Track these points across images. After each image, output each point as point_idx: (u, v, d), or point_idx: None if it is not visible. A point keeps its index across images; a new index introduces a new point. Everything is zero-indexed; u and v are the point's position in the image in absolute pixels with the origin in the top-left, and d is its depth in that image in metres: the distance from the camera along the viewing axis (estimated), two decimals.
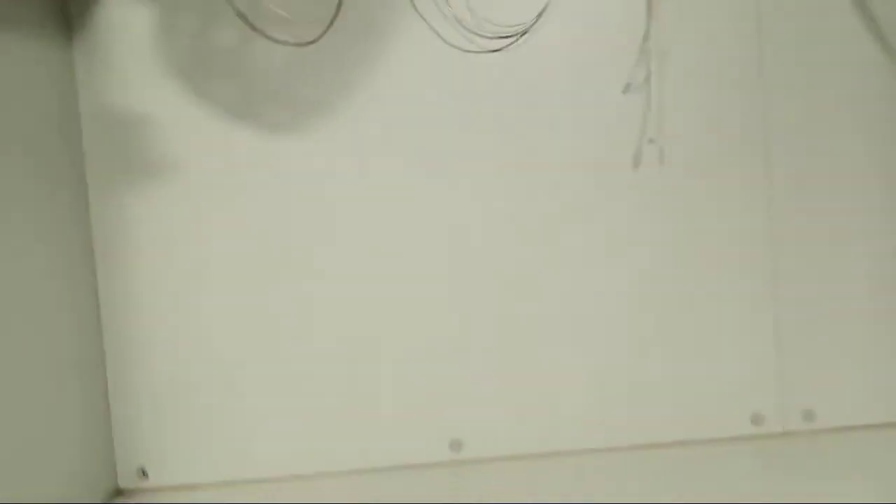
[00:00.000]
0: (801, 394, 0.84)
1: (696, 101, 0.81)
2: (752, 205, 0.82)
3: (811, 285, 0.83)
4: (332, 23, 0.76)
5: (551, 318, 0.83)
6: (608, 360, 0.83)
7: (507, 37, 0.79)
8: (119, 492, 0.82)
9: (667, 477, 0.75)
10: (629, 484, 0.74)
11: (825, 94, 0.82)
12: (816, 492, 0.67)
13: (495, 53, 0.79)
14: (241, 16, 0.77)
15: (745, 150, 0.82)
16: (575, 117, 0.81)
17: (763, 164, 0.82)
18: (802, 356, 0.83)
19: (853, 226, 0.83)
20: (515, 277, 0.82)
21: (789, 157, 0.82)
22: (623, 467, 0.78)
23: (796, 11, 0.81)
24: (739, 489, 0.70)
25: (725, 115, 0.82)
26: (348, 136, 0.80)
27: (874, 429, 0.83)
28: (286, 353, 0.82)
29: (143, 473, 0.82)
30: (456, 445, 0.83)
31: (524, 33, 0.79)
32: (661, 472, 0.77)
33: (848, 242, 0.83)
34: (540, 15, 0.79)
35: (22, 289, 0.67)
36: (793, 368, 0.83)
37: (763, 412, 0.84)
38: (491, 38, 0.78)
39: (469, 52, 0.78)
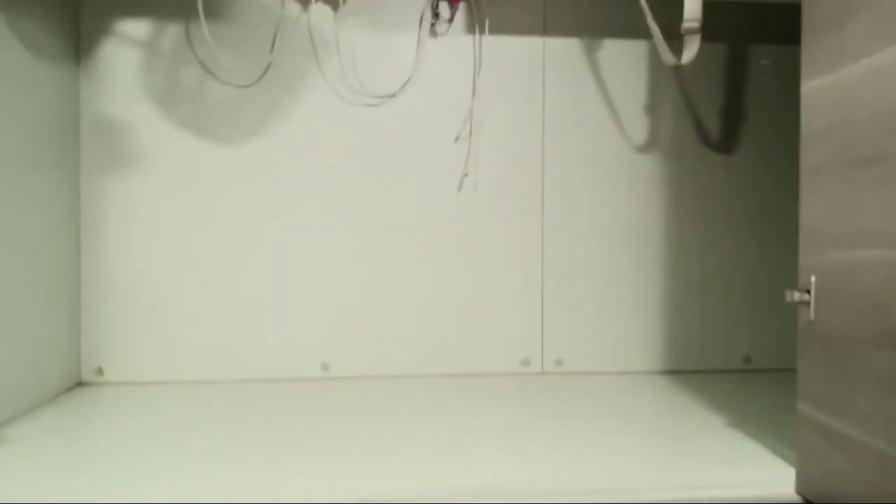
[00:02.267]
0: (555, 347, 1.26)
1: (501, 150, 1.24)
2: (530, 216, 1.24)
3: (566, 274, 1.26)
4: (263, 75, 1.16)
5: (395, 285, 1.22)
6: (430, 318, 1.23)
7: (380, 97, 1.20)
8: (81, 383, 1.16)
9: (464, 396, 1.10)
10: (444, 399, 1.10)
11: (587, 148, 1.26)
12: (558, 409, 1.04)
13: (372, 108, 1.20)
14: (201, 63, 1.16)
15: (529, 182, 1.25)
16: (421, 157, 1.22)
17: (539, 188, 1.25)
18: (558, 321, 1.26)
19: (592, 230, 1.26)
20: (373, 257, 1.22)
21: (556, 183, 1.25)
22: (441, 388, 1.14)
23: (570, 95, 1.24)
24: (517, 403, 1.06)
25: (517, 159, 1.24)
26: (272, 152, 1.19)
27: (606, 374, 1.25)
28: (212, 295, 1.18)
29: (101, 371, 1.17)
30: (325, 366, 1.22)
31: (392, 96, 1.21)
32: (459, 392, 1.13)
33: (586, 243, 1.26)
34: (404, 85, 1.21)
35: (8, 214, 1.02)
36: (550, 329, 1.26)
37: (530, 358, 1.26)
38: (370, 97, 1.20)
39: (354, 105, 1.19)
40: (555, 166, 1.25)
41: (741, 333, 1.28)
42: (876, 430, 0.60)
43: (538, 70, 1.24)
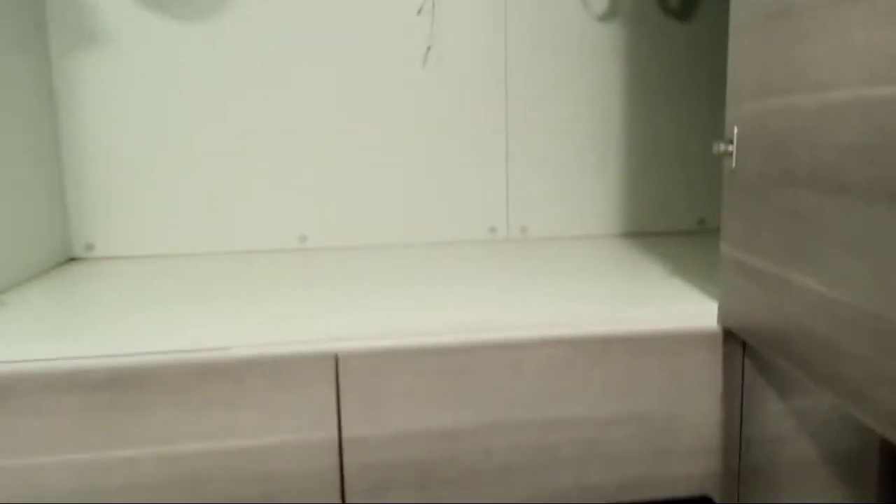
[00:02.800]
0: (519, 215, 1.34)
1: (463, 22, 1.26)
2: (494, 86, 1.29)
3: (529, 144, 1.31)
4: None
5: (367, 159, 1.28)
6: (401, 190, 1.29)
7: None
8: (72, 259, 1.24)
9: (434, 260, 1.17)
10: (414, 262, 1.17)
11: (549, 17, 1.28)
12: (519, 267, 1.11)
13: None
14: None
15: (492, 53, 1.28)
16: (385, 31, 1.24)
17: (503, 58, 1.28)
18: (522, 190, 1.33)
19: (554, 99, 1.31)
20: (343, 131, 1.27)
21: (519, 53, 1.28)
22: (413, 254, 1.21)
23: None
24: (483, 264, 1.12)
25: (480, 30, 1.27)
26: (236, 28, 1.21)
27: (568, 238, 1.32)
28: (191, 170, 1.24)
29: (91, 247, 1.24)
30: (303, 238, 1.29)
31: None
32: (430, 257, 1.20)
33: (548, 113, 1.31)
34: None
35: None
36: (515, 199, 1.33)
37: (496, 226, 1.33)
38: None
39: None
40: (517, 36, 1.27)
41: (696, 196, 1.36)
42: (779, 260, 0.67)
43: None
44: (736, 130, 0.75)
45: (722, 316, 0.81)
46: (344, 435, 0.77)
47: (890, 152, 0.50)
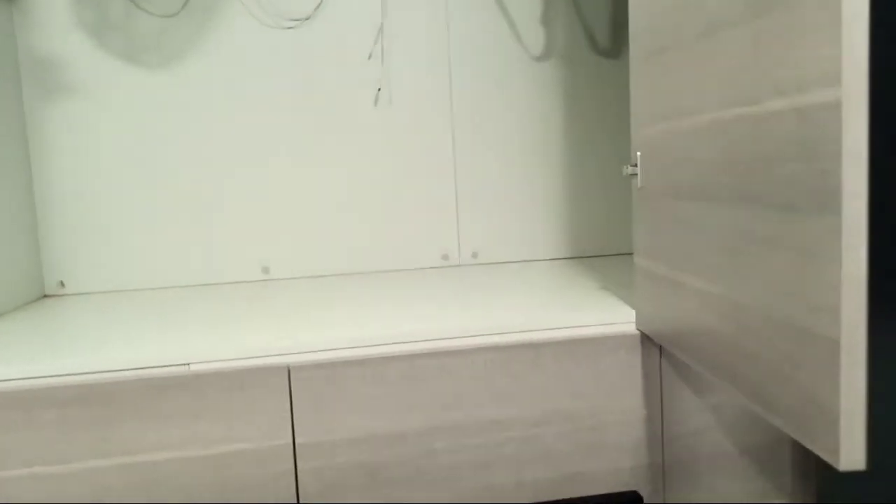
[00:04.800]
0: (470, 241, 1.43)
1: (411, 65, 1.36)
2: (442, 123, 1.39)
3: (476, 175, 1.41)
4: (185, 4, 1.26)
5: (325, 193, 1.37)
6: (358, 222, 1.38)
7: (296, 19, 1.31)
8: (45, 296, 1.30)
9: (391, 285, 1.23)
10: (372, 288, 1.25)
11: (490, 59, 1.39)
12: (469, 288, 1.18)
13: (289, 31, 1.31)
14: None
15: (438, 92, 1.38)
16: (339, 74, 1.34)
17: (448, 97, 1.39)
18: (471, 218, 1.42)
19: (498, 133, 1.41)
20: (302, 168, 1.35)
21: (463, 91, 1.39)
22: (370, 281, 1.28)
23: (472, 11, 1.37)
24: (433, 287, 1.19)
25: (427, 72, 1.37)
26: (200, 74, 1.30)
27: (516, 262, 1.41)
28: (157, 208, 1.31)
29: (62, 284, 1.30)
30: (265, 269, 1.36)
31: (307, 19, 1.32)
32: (387, 283, 1.27)
33: (493, 146, 1.41)
34: (317, 7, 1.32)
35: None
36: (465, 225, 1.42)
37: (449, 253, 1.42)
38: (287, 20, 1.31)
39: (272, 28, 1.30)
40: (461, 76, 1.38)
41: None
42: (673, 264, 0.77)
43: None
44: (638, 154, 0.84)
45: (638, 320, 0.89)
46: (298, 441, 0.83)
47: (737, 164, 0.59)
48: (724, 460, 0.94)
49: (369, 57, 1.35)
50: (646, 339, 0.89)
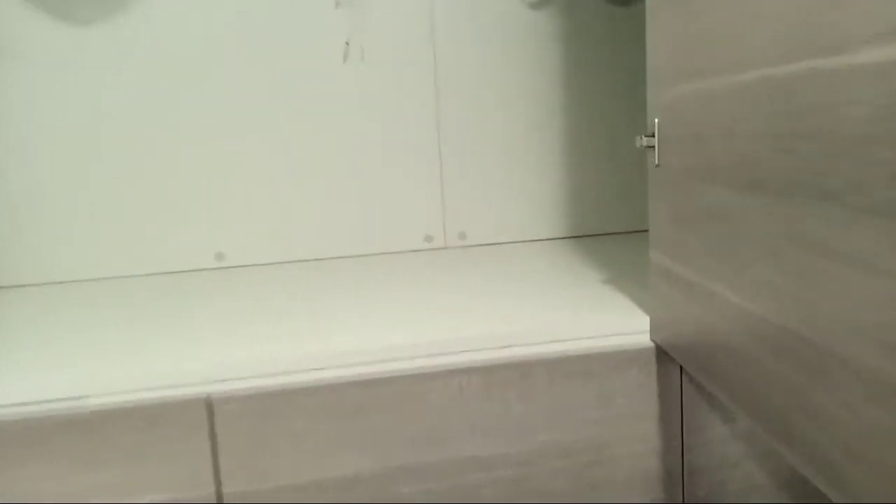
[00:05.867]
0: (457, 221, 1.24)
1: (385, 12, 1.16)
2: (423, 83, 1.19)
3: (464, 143, 1.22)
4: None
5: (287, 167, 1.18)
6: (326, 199, 1.19)
7: None
8: None
9: (364, 274, 1.07)
10: (343, 279, 1.08)
11: (477, 4, 1.18)
12: (451, 284, 1.01)
13: None
14: None
15: (419, 46, 1.18)
16: (301, 26, 1.14)
17: (430, 52, 1.19)
18: (458, 194, 1.23)
19: (488, 95, 1.21)
20: (261, 138, 1.16)
21: (448, 46, 1.19)
22: (341, 269, 1.11)
23: None
24: (409, 278, 1.01)
25: (405, 21, 1.17)
26: (142, 30, 1.10)
27: (509, 244, 1.23)
28: (101, 188, 1.13)
29: None
30: (220, 256, 1.18)
31: None
32: (360, 271, 1.10)
33: (482, 109, 1.22)
34: None
35: None
36: (451, 202, 1.23)
37: (433, 234, 1.23)
38: None
39: None
40: (445, 27, 1.18)
41: (640, 193, 1.27)
42: (702, 268, 0.58)
43: None
44: (656, 122, 0.65)
45: (653, 330, 0.71)
46: (224, 491, 0.66)
47: (801, 140, 0.40)
48: (755, 496, 0.76)
49: (336, 4, 1.14)
50: (662, 352, 0.71)
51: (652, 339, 0.72)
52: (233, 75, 1.13)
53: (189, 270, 1.17)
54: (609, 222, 1.27)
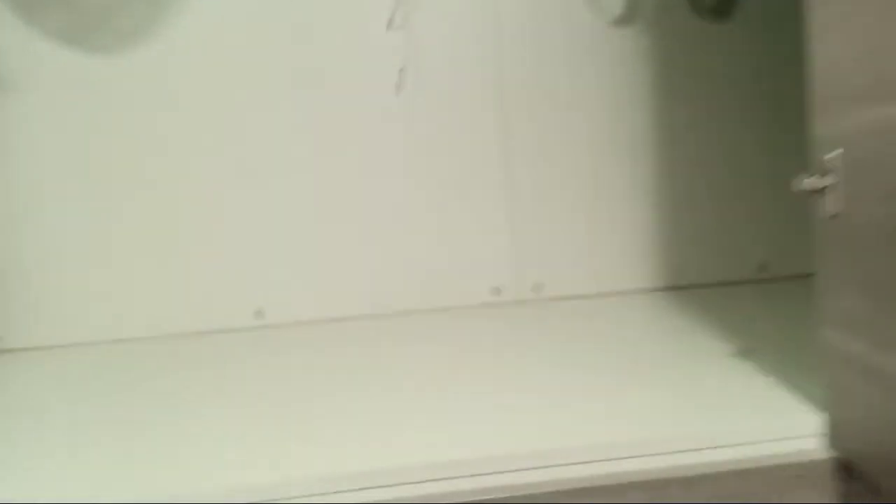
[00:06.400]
0: (531, 270, 1.07)
1: (444, 34, 1.01)
2: (486, 114, 1.03)
3: (536, 182, 1.05)
4: None
5: (333, 213, 1.03)
6: (377, 248, 1.04)
7: None
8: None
9: (424, 337, 0.92)
10: (401, 342, 0.91)
11: (551, 23, 1.02)
12: (535, 344, 0.84)
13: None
14: None
15: (482, 72, 1.02)
16: (347, 52, 1.00)
17: (494, 77, 1.02)
18: (531, 239, 1.06)
19: (564, 126, 1.04)
20: (305, 181, 1.02)
21: (516, 70, 1.03)
22: (397, 328, 0.96)
23: None
24: (482, 340, 0.86)
25: (466, 44, 1.02)
26: (165, 60, 0.98)
27: (595, 297, 1.06)
28: (117, 240, 0.99)
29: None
30: (259, 313, 1.03)
31: None
32: (418, 332, 0.94)
33: (557, 141, 1.04)
34: None
35: None
36: (523, 249, 1.06)
37: (501, 285, 1.06)
38: None
39: None
40: (512, 50, 1.02)
41: (754, 236, 1.08)
42: None
43: None
44: (838, 155, 0.47)
45: (834, 438, 0.53)
46: None
47: None
48: None
49: (388, 26, 1.00)
50: (845, 467, 0.52)
51: (830, 450, 0.53)
52: (270, 108, 0.99)
53: (222, 331, 1.02)
54: (713, 270, 1.08)
